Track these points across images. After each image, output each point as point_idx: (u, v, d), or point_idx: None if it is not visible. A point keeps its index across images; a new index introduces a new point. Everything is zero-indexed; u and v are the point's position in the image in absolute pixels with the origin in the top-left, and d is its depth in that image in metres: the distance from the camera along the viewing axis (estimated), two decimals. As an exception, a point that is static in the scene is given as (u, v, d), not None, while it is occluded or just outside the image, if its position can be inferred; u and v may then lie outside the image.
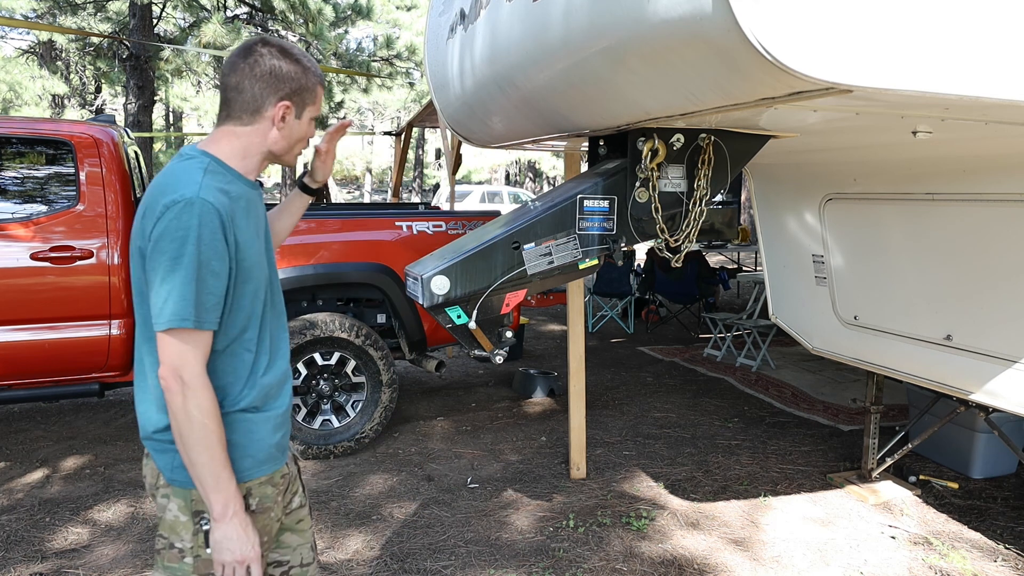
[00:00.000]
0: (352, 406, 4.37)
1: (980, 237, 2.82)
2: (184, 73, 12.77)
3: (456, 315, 2.17)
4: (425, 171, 32.56)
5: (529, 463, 4.18)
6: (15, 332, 3.69)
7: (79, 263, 3.75)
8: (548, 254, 2.25)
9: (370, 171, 30.09)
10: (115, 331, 3.84)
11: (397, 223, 4.45)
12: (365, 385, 4.36)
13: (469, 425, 4.85)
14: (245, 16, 12.76)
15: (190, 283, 1.35)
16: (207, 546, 1.46)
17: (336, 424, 4.32)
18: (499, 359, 2.26)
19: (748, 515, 3.54)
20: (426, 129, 22.50)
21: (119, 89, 13.97)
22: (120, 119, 14.08)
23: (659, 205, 2.34)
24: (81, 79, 16.43)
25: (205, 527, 1.47)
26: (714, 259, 12.60)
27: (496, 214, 4.65)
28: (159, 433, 1.48)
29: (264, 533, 1.55)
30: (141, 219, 1.42)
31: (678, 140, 2.29)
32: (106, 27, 11.94)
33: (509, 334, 2.27)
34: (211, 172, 1.45)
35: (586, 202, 2.28)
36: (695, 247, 8.19)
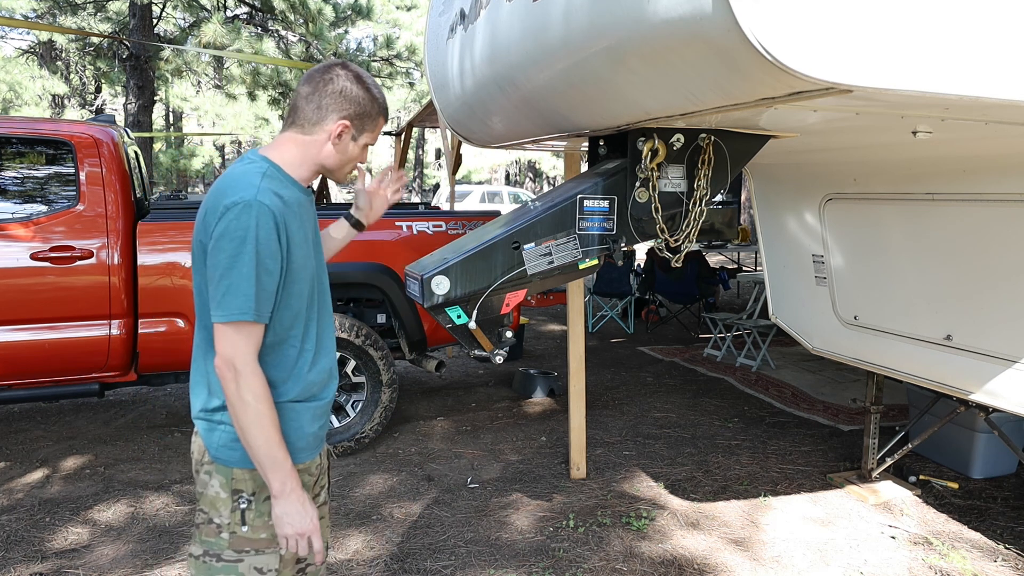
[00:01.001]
0: (352, 406, 4.37)
1: (980, 237, 2.82)
2: (184, 73, 12.77)
3: (456, 315, 2.17)
4: (425, 171, 32.56)
5: (529, 463, 4.18)
6: (15, 332, 3.69)
7: (79, 263, 3.75)
8: (548, 254, 2.25)
9: (370, 171, 30.07)
10: (115, 331, 3.84)
11: (397, 223, 4.45)
12: (365, 385, 4.36)
13: (469, 425, 4.85)
14: (245, 16, 12.76)
15: (248, 279, 1.45)
16: (243, 524, 1.56)
17: (336, 424, 4.32)
18: (499, 359, 2.26)
19: (748, 515, 3.54)
20: (426, 129, 22.49)
21: (119, 89, 13.98)
22: (120, 119, 14.08)
23: (659, 205, 2.34)
24: (81, 79, 16.43)
25: (242, 506, 1.56)
26: (714, 259, 12.60)
27: (496, 214, 4.65)
28: (206, 412, 1.58)
29: None
30: (203, 218, 1.52)
31: (678, 140, 2.29)
32: (106, 27, 11.94)
33: (509, 334, 2.27)
34: (269, 177, 1.54)
35: (586, 202, 2.28)
36: (695, 247, 8.19)
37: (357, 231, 1.99)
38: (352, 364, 4.32)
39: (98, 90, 16.59)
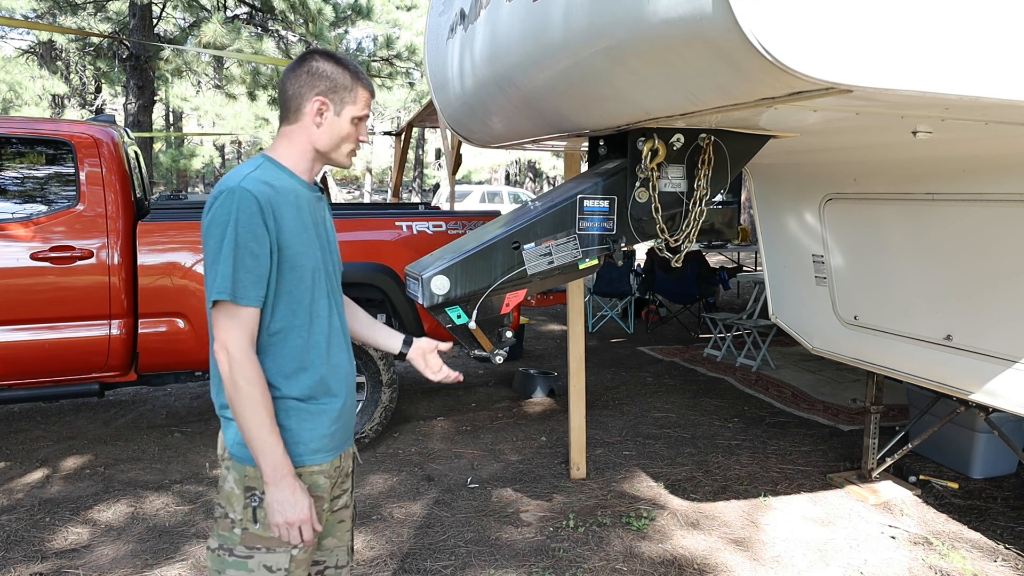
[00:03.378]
0: (352, 406, 4.37)
1: (980, 237, 2.82)
2: (184, 73, 12.77)
3: (456, 315, 2.17)
4: (425, 171, 32.56)
5: (529, 463, 4.18)
6: (15, 332, 3.69)
7: (79, 263, 3.75)
8: (548, 254, 2.25)
9: (370, 171, 30.08)
10: (115, 331, 3.84)
11: (397, 223, 4.45)
12: (365, 385, 4.36)
13: (469, 425, 4.85)
14: (245, 16, 12.76)
15: (229, 261, 1.47)
16: (255, 521, 1.57)
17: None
18: (499, 359, 2.26)
19: (748, 515, 3.54)
20: (426, 129, 22.49)
21: (119, 89, 13.98)
22: (120, 119, 14.07)
23: (659, 205, 2.34)
24: (81, 79, 16.43)
25: (253, 504, 1.58)
26: (714, 259, 12.59)
27: (496, 214, 4.64)
28: (222, 408, 1.62)
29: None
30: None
31: (678, 140, 2.29)
32: (106, 27, 11.94)
33: (509, 334, 2.27)
34: (261, 168, 1.58)
35: (586, 202, 2.28)
36: (695, 247, 8.19)
37: (395, 352, 1.96)
38: (352, 364, 4.31)
39: (98, 90, 16.59)
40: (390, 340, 1.95)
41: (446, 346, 1.99)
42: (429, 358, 1.95)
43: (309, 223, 1.62)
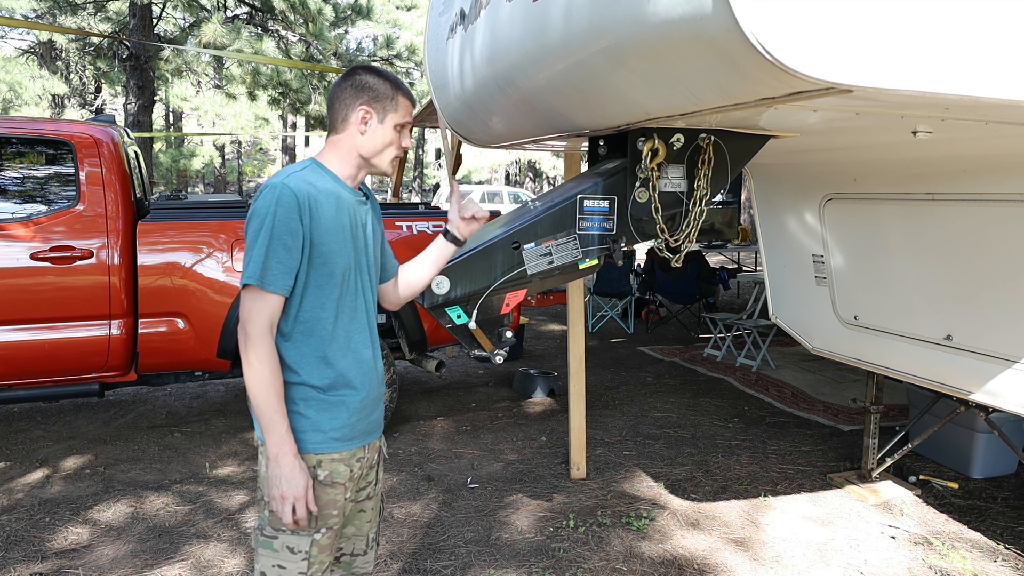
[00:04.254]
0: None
1: (980, 237, 2.82)
2: (184, 73, 12.77)
3: (456, 315, 2.17)
4: (425, 171, 32.57)
5: (529, 463, 4.18)
6: (15, 332, 3.69)
7: (79, 263, 3.75)
8: (548, 254, 2.25)
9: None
10: (115, 331, 3.84)
11: (397, 223, 4.44)
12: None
13: (469, 425, 4.85)
14: (245, 16, 12.76)
15: (262, 250, 1.58)
16: None
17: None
18: (499, 359, 2.26)
19: (748, 515, 3.54)
20: (426, 129, 22.49)
21: (119, 89, 13.97)
22: (120, 119, 14.07)
23: (659, 205, 2.34)
24: (81, 79, 16.43)
25: None
26: (714, 259, 12.60)
27: (496, 214, 4.65)
28: None
29: (332, 506, 1.71)
30: None
31: (678, 140, 2.29)
32: (106, 27, 11.94)
33: (509, 334, 2.27)
34: (308, 169, 1.69)
35: (586, 202, 2.28)
36: (695, 247, 8.19)
37: (455, 245, 1.92)
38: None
39: (98, 90, 16.59)
40: (440, 249, 1.92)
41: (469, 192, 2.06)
42: (464, 212, 1.88)
43: (347, 225, 1.70)
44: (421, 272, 1.95)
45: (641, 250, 12.86)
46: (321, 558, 1.71)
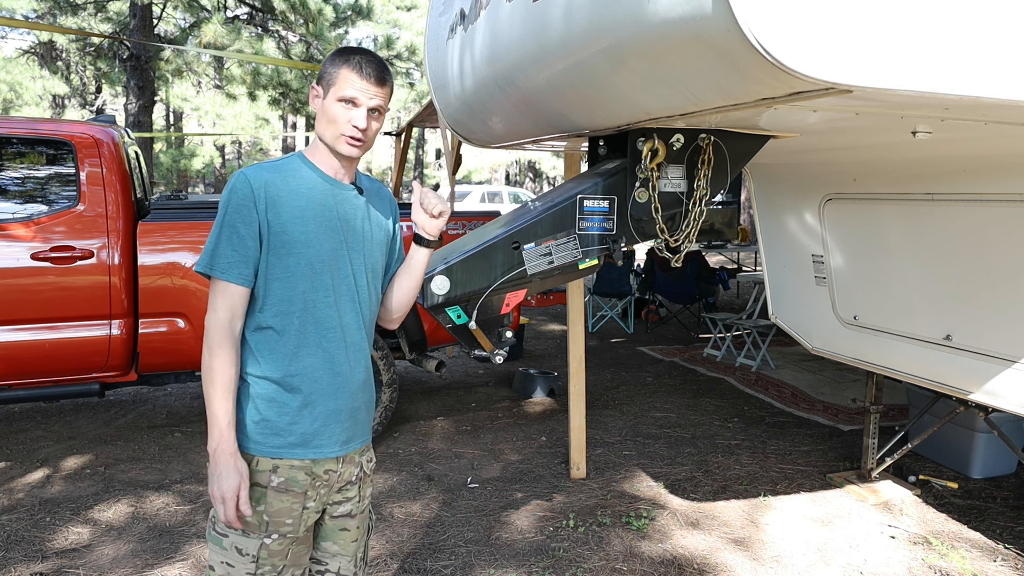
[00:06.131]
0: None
1: (980, 237, 2.82)
2: (184, 73, 12.77)
3: (456, 315, 2.17)
4: (425, 171, 32.57)
5: (529, 463, 4.18)
6: (16, 332, 3.69)
7: (79, 263, 3.75)
8: (548, 254, 2.25)
9: (370, 171, 30.10)
10: (115, 331, 3.84)
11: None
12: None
13: (469, 425, 4.85)
14: (245, 16, 12.77)
15: (214, 237, 1.59)
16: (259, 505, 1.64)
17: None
18: (499, 359, 2.26)
19: (748, 515, 3.54)
20: (426, 129, 22.49)
21: (119, 89, 13.97)
22: (120, 119, 14.08)
23: (659, 205, 2.34)
24: (81, 79, 16.43)
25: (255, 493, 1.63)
26: (714, 259, 12.60)
27: (496, 214, 4.65)
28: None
29: (286, 514, 1.64)
30: None
31: (678, 140, 2.29)
32: (106, 27, 11.94)
33: (509, 334, 2.27)
34: (283, 161, 1.66)
35: (586, 202, 2.28)
36: (695, 247, 8.19)
37: (427, 248, 1.77)
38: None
39: (98, 90, 16.59)
40: (414, 255, 1.78)
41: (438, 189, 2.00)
42: (424, 206, 1.72)
43: (320, 215, 1.63)
44: (401, 283, 1.82)
45: (641, 250, 12.86)
46: (273, 562, 1.64)
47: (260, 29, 12.74)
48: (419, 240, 1.76)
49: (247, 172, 1.59)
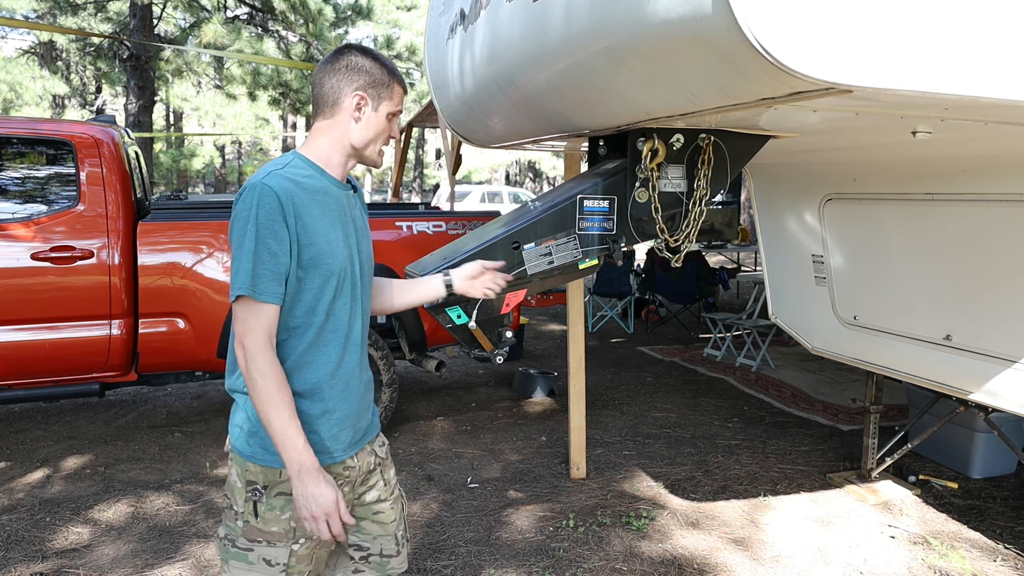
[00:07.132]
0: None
1: (980, 237, 2.82)
2: (184, 73, 12.77)
3: (456, 315, 2.16)
4: (425, 171, 32.57)
5: (529, 463, 4.18)
6: (16, 332, 3.69)
7: (79, 263, 3.75)
8: (548, 254, 2.25)
9: (370, 171, 30.07)
10: (115, 331, 3.84)
11: (397, 223, 4.45)
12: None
13: (469, 425, 4.85)
14: (245, 16, 12.77)
15: (249, 257, 1.48)
16: (256, 515, 1.59)
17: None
18: (499, 359, 2.26)
19: (748, 515, 3.54)
20: (426, 129, 22.49)
21: (119, 89, 13.98)
22: (120, 119, 14.07)
23: (659, 205, 2.34)
24: (81, 79, 16.43)
25: (255, 498, 1.59)
26: (714, 259, 12.60)
27: (496, 214, 4.65)
28: (231, 391, 1.64)
29: None
30: None
31: (678, 140, 2.29)
32: (106, 27, 11.95)
33: (509, 334, 2.27)
34: (291, 166, 1.58)
35: (586, 202, 2.28)
36: (695, 247, 8.19)
37: (447, 292, 1.90)
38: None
39: (98, 90, 16.59)
40: (431, 289, 1.89)
41: (495, 264, 1.96)
42: (478, 283, 1.90)
43: (337, 223, 1.61)
44: (404, 296, 1.89)
45: (641, 250, 12.86)
46: (299, 568, 1.63)
47: (260, 29, 12.75)
48: (447, 279, 1.88)
49: (270, 184, 1.50)
